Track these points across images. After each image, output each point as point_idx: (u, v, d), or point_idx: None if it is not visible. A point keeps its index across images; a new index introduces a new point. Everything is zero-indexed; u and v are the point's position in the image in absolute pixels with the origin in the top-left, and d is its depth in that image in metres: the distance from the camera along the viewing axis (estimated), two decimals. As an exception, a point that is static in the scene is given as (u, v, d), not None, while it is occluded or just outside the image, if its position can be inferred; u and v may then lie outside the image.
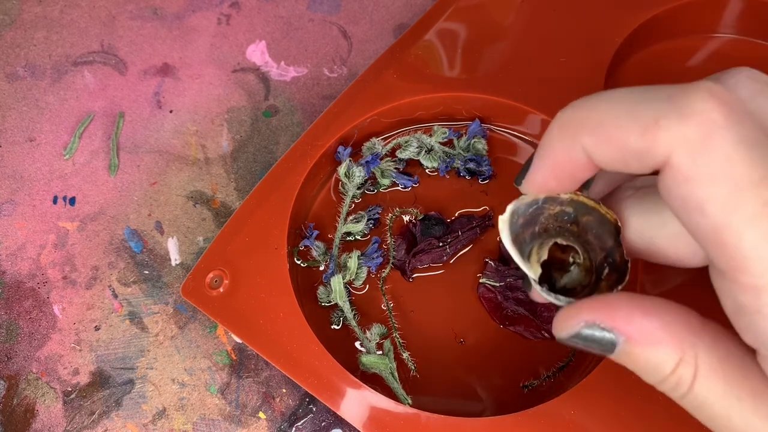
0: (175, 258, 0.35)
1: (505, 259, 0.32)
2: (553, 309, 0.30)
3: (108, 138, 0.39)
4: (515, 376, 0.30)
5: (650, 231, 0.20)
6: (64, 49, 0.42)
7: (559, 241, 0.21)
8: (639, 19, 0.37)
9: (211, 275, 0.31)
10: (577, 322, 0.18)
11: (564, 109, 0.18)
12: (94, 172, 0.38)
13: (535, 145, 0.36)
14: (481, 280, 0.32)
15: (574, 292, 0.21)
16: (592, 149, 0.17)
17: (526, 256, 0.21)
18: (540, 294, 0.21)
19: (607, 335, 0.18)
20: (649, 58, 0.39)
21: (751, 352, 0.17)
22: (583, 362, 0.30)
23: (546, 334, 0.31)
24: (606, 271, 0.20)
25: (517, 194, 0.21)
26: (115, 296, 0.34)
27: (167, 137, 0.39)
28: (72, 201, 0.37)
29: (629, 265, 0.20)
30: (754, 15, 0.38)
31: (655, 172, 0.17)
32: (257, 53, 0.42)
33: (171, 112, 0.40)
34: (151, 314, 0.34)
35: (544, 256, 0.20)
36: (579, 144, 0.18)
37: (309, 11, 0.44)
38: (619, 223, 0.20)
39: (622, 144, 0.17)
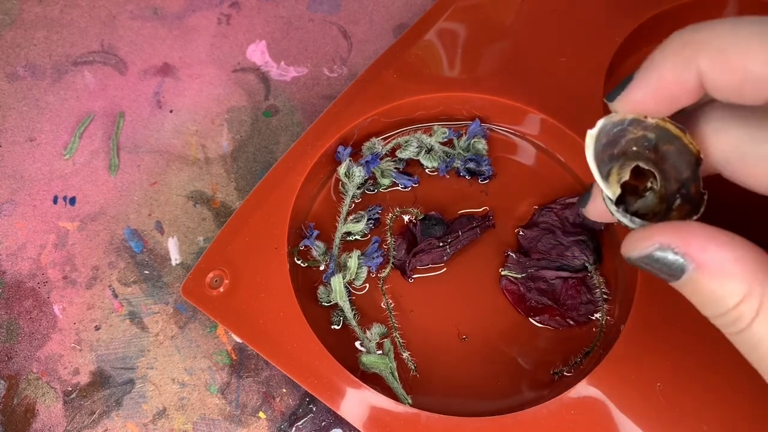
0: (175, 258, 0.35)
1: (524, 250, 0.32)
2: (576, 295, 0.31)
3: (108, 138, 0.39)
4: (515, 376, 0.30)
5: (747, 146, 0.19)
6: (64, 48, 0.42)
7: (641, 164, 0.21)
8: (639, 19, 0.37)
9: (211, 275, 0.31)
10: (650, 243, 0.19)
11: (681, 30, 0.18)
12: (94, 172, 0.38)
13: (535, 145, 0.36)
14: (503, 273, 0.32)
15: (645, 218, 0.21)
16: (708, 72, 0.17)
17: (605, 176, 0.21)
18: (614, 214, 0.21)
19: (679, 260, 0.18)
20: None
21: None
22: (583, 365, 0.30)
23: (571, 322, 0.31)
24: (678, 201, 0.20)
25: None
26: (116, 296, 0.34)
27: (167, 137, 0.39)
28: (72, 201, 0.37)
29: (706, 197, 0.20)
30: (754, 15, 0.38)
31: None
32: (257, 53, 0.42)
33: (171, 111, 0.40)
34: (151, 314, 0.34)
35: (626, 177, 0.21)
36: (693, 66, 0.17)
37: (309, 11, 0.44)
38: (702, 155, 0.20)
39: (744, 69, 0.16)
